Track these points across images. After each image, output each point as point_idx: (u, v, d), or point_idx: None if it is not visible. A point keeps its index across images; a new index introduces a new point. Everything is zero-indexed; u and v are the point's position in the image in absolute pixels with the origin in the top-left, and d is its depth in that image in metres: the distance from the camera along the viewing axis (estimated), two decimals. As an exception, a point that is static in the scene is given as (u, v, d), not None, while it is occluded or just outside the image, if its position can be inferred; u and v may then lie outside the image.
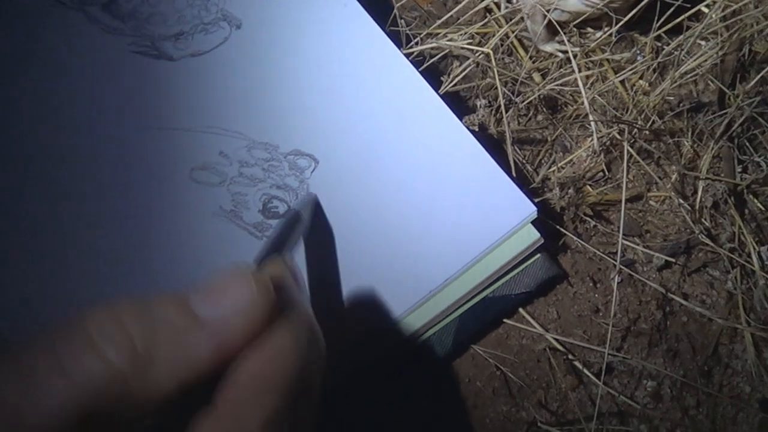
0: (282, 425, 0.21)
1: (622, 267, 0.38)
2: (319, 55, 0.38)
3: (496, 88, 0.40)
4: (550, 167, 0.40)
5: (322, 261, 0.34)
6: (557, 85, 0.40)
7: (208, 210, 0.36)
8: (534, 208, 0.35)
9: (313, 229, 0.34)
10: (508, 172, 0.36)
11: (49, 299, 0.33)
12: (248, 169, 0.36)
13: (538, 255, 0.36)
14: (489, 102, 0.40)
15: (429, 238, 0.35)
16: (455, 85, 0.39)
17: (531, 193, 0.36)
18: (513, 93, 0.41)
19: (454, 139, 0.37)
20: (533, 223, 0.35)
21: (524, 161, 0.40)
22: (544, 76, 0.42)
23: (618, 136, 0.39)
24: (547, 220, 0.38)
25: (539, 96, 0.40)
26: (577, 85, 0.39)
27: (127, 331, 0.20)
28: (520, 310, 0.36)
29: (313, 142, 0.37)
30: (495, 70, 0.38)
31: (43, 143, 0.36)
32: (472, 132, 0.37)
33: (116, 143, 0.36)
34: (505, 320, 0.36)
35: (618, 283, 0.37)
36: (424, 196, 0.36)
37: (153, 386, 0.20)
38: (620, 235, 0.35)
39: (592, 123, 0.37)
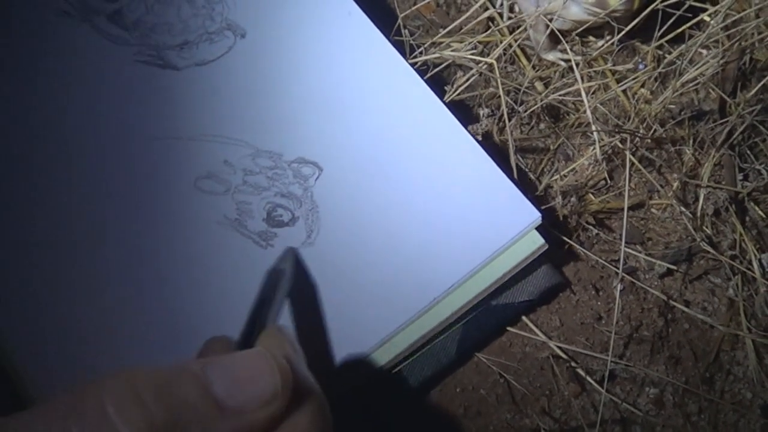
0: None
1: (624, 275, 0.38)
2: (324, 64, 0.38)
3: (499, 97, 0.40)
4: (552, 175, 0.40)
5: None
6: (560, 94, 0.40)
7: (212, 219, 0.36)
8: (539, 214, 0.35)
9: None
10: (512, 180, 0.36)
11: (51, 307, 0.33)
12: (252, 177, 0.37)
13: (543, 263, 0.36)
14: (492, 111, 0.40)
15: (433, 245, 0.35)
16: (459, 94, 0.39)
17: (534, 201, 0.36)
18: (516, 102, 0.41)
19: (458, 146, 0.37)
20: (537, 230, 0.36)
21: (527, 169, 0.40)
22: (546, 85, 0.42)
23: (620, 145, 0.39)
24: (549, 228, 0.38)
25: (542, 105, 0.40)
26: (579, 94, 0.40)
27: (149, 411, 0.19)
28: (523, 318, 0.37)
29: (318, 149, 0.37)
30: (498, 80, 0.38)
31: (48, 153, 0.36)
32: (477, 140, 0.37)
33: (121, 153, 0.37)
34: (508, 328, 0.36)
35: (620, 290, 0.38)
36: (428, 204, 0.36)
37: None
38: (623, 243, 0.35)
39: (594, 132, 0.37)
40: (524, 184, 0.39)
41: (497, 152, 0.39)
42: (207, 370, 0.21)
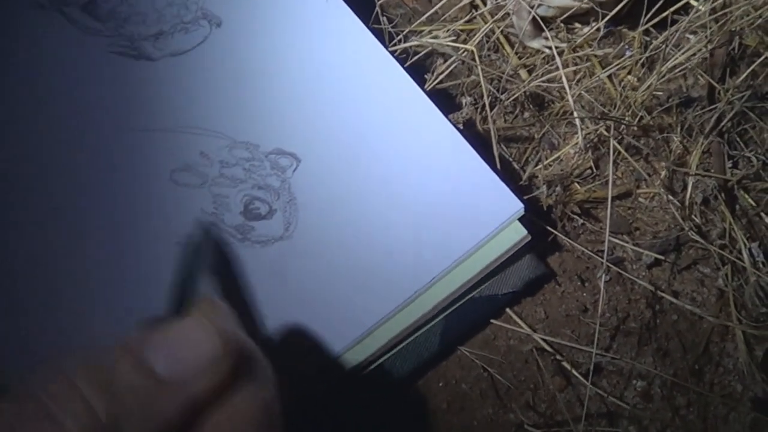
0: None
1: (610, 265, 0.37)
2: (301, 52, 0.38)
3: (482, 85, 0.39)
4: (536, 165, 0.39)
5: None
6: (543, 81, 0.39)
7: (189, 213, 0.35)
8: (521, 205, 0.35)
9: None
10: (495, 170, 0.35)
11: (25, 300, 0.33)
12: (229, 169, 0.36)
13: (527, 254, 0.36)
14: (475, 99, 0.39)
15: (414, 236, 0.34)
16: (440, 82, 0.38)
17: (518, 191, 0.36)
18: (499, 90, 0.40)
19: (439, 136, 0.36)
20: (520, 220, 0.35)
21: (511, 159, 0.39)
22: (530, 73, 0.41)
23: (605, 133, 0.38)
24: (534, 218, 0.37)
25: (525, 93, 0.39)
26: (566, 82, 0.39)
27: (87, 401, 0.19)
28: (507, 310, 0.36)
29: (295, 140, 0.36)
30: (479, 67, 0.37)
31: (20, 146, 0.35)
32: (458, 129, 0.36)
33: (95, 145, 0.36)
34: (492, 321, 0.36)
35: (606, 281, 0.37)
36: (409, 195, 0.35)
37: None
38: (607, 232, 0.35)
39: (577, 120, 0.37)
40: (508, 173, 0.38)
41: (480, 141, 0.38)
42: (144, 348, 0.20)
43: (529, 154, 0.40)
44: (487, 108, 0.37)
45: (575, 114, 0.36)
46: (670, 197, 0.39)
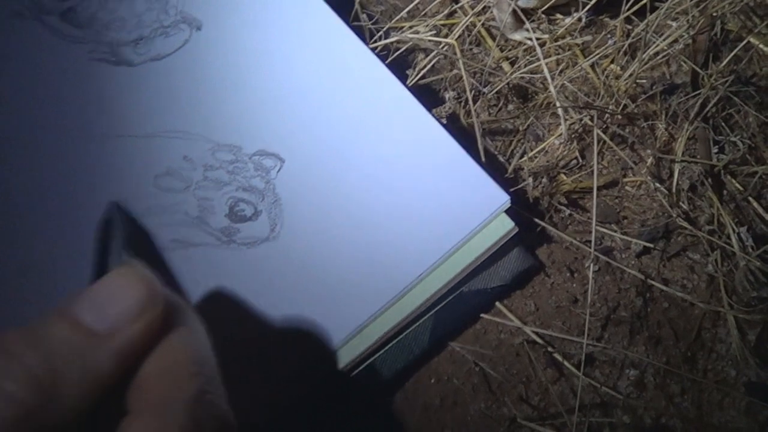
0: (206, 412, 0.21)
1: (599, 255, 0.37)
2: (282, 52, 0.37)
3: (464, 79, 0.39)
4: (522, 157, 0.39)
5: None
6: (525, 73, 0.39)
7: (173, 217, 0.35)
8: (507, 197, 0.35)
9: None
10: (480, 163, 0.35)
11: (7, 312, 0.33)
12: (213, 172, 0.36)
13: (515, 247, 0.36)
14: (458, 93, 0.39)
15: (401, 233, 0.34)
16: (423, 77, 0.38)
17: (504, 183, 0.35)
18: (481, 83, 0.40)
19: (423, 131, 0.36)
20: (507, 213, 0.35)
21: (496, 152, 0.39)
22: (513, 65, 0.41)
23: (589, 122, 0.38)
24: (521, 210, 0.37)
25: (509, 85, 0.39)
26: (548, 73, 0.39)
27: (23, 361, 0.19)
28: (497, 303, 0.36)
29: (279, 141, 0.36)
30: (461, 61, 0.37)
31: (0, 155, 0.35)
32: (442, 124, 0.36)
33: (77, 153, 0.36)
34: (482, 315, 0.35)
35: (595, 271, 0.37)
36: (394, 191, 0.35)
37: (62, 409, 0.19)
38: (594, 222, 0.34)
39: (560, 110, 0.36)
40: (493, 166, 0.38)
41: (464, 135, 0.38)
42: (71, 304, 0.21)
43: (514, 146, 0.40)
44: (470, 101, 0.37)
45: (558, 104, 0.36)
46: (657, 185, 0.39)
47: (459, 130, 0.38)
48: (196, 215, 0.35)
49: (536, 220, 0.37)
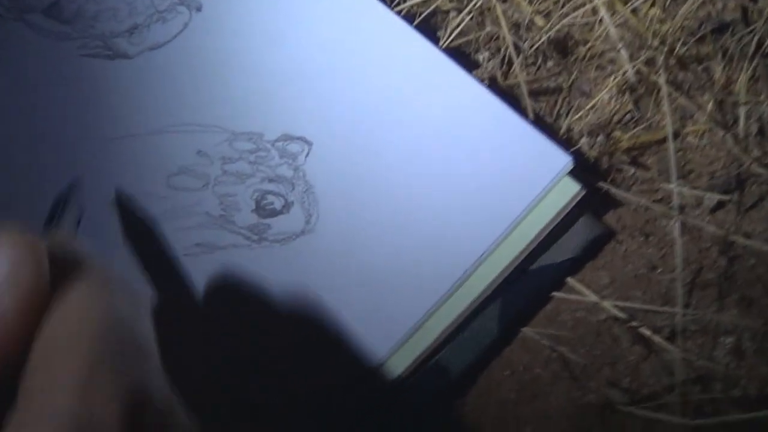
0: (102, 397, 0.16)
1: (676, 213, 0.33)
2: (296, 25, 0.33)
3: (498, 38, 0.35)
4: (571, 116, 0.35)
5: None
6: (565, 24, 0.35)
7: (193, 219, 0.31)
8: (569, 158, 0.31)
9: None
10: (532, 125, 0.32)
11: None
12: (232, 165, 0.32)
13: (581, 214, 0.32)
14: (492, 54, 0.35)
15: (454, 211, 0.30)
16: (454, 39, 0.34)
17: (557, 146, 0.32)
18: (513, 42, 0.36)
19: (467, 96, 0.32)
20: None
21: (542, 114, 0.35)
22: (547, 19, 0.37)
23: (644, 68, 0.35)
24: (580, 174, 0.33)
25: (548, 39, 0.35)
26: (589, 21, 0.35)
27: None
28: (568, 279, 0.32)
29: (303, 123, 0.32)
30: (499, 10, 0.33)
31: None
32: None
33: (79, 160, 0.32)
34: (553, 294, 0.31)
35: (671, 233, 0.33)
36: (442, 165, 0.31)
37: None
38: (674, 173, 0.31)
39: (621, 50, 0.32)
40: (542, 129, 0.34)
41: (506, 99, 0.34)
42: None
43: (560, 106, 0.36)
44: (515, 58, 0.33)
45: (618, 44, 0.32)
46: (723, 131, 0.35)
47: (498, 94, 0.34)
48: (219, 214, 0.31)
49: (599, 183, 0.33)
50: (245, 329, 0.29)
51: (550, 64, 0.36)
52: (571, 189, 0.31)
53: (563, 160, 0.31)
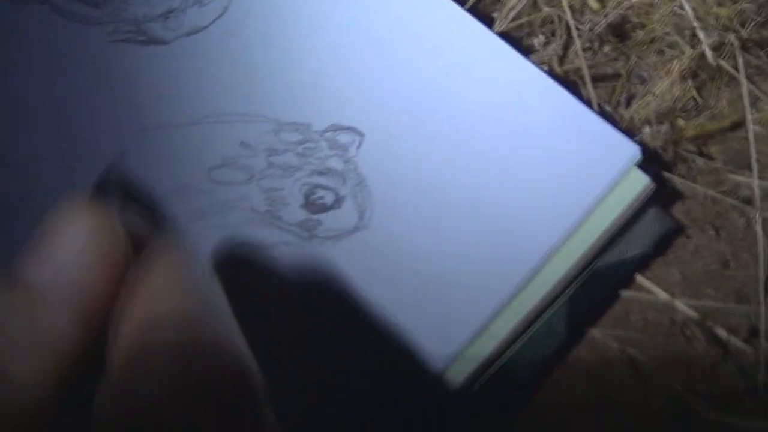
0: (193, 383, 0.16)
1: (744, 205, 0.31)
2: (344, 5, 0.31)
3: (552, 21, 0.33)
4: (632, 104, 0.33)
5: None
6: (623, 6, 0.33)
7: (238, 215, 0.29)
8: (636, 148, 0.29)
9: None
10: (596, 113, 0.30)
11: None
12: (279, 157, 0.30)
13: (649, 207, 0.30)
14: (547, 38, 0.33)
15: (516, 204, 0.28)
16: (509, 22, 0.32)
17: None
18: (567, 26, 0.34)
19: (527, 83, 0.30)
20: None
21: (600, 101, 0.33)
22: (602, 2, 0.35)
23: (708, 53, 0.33)
24: (644, 165, 0.31)
25: (606, 22, 0.34)
26: (647, 3, 0.33)
27: None
28: (637, 276, 0.30)
29: (353, 111, 0.30)
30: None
31: (25, 158, 0.29)
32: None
33: (111, 153, 0.30)
34: (621, 292, 0.30)
35: (743, 226, 0.31)
36: (502, 157, 0.29)
37: (15, 394, 0.15)
38: (754, 171, 0.29)
39: (700, 30, 0.31)
40: (603, 118, 0.32)
41: (562, 86, 0.32)
42: (17, 264, 0.17)
43: (618, 93, 0.34)
44: (577, 41, 0.31)
45: (695, 23, 0.30)
46: (790, 120, 0.33)
47: (556, 81, 0.32)
48: (266, 210, 0.29)
49: (664, 173, 0.31)
50: (292, 332, 0.28)
51: (606, 48, 0.35)
52: (640, 181, 0.29)
53: (631, 150, 0.29)
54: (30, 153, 0.29)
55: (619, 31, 0.35)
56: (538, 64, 0.32)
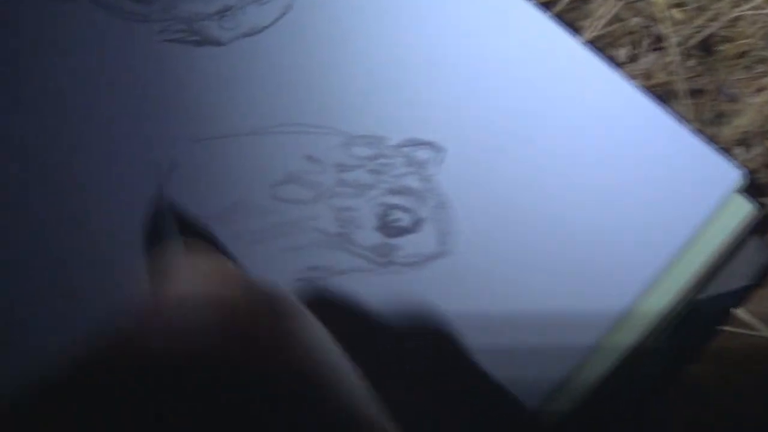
0: None
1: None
2: (422, 9, 0.29)
3: (634, 32, 0.31)
4: (720, 122, 0.31)
5: None
6: (708, 19, 0.31)
7: (305, 237, 0.26)
8: (738, 171, 0.26)
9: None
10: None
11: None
12: (350, 173, 0.27)
13: (750, 236, 0.28)
14: (633, 49, 0.31)
15: (611, 234, 0.26)
16: (595, 32, 0.30)
17: (715, 156, 0.28)
18: (651, 37, 0.32)
19: (619, 100, 0.27)
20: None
21: (686, 119, 0.31)
22: (685, 13, 0.33)
23: (805, 71, 0.31)
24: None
25: (694, 35, 0.31)
26: (732, 16, 0.31)
27: None
28: (737, 311, 0.28)
29: (433, 125, 0.27)
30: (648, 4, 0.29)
31: (70, 171, 0.26)
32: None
33: (161, 163, 0.27)
34: (721, 327, 0.27)
35: None
36: (596, 178, 0.26)
37: None
38: None
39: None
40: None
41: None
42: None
43: (707, 110, 0.32)
44: (675, 55, 0.28)
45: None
46: None
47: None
48: (337, 232, 0.26)
49: (759, 199, 0.29)
50: (370, 369, 0.25)
51: (691, 62, 0.32)
52: (744, 208, 0.27)
53: (733, 174, 0.27)
54: (73, 161, 0.26)
55: (705, 45, 0.33)
56: (629, 77, 0.30)
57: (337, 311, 0.25)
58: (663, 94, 0.31)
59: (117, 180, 0.26)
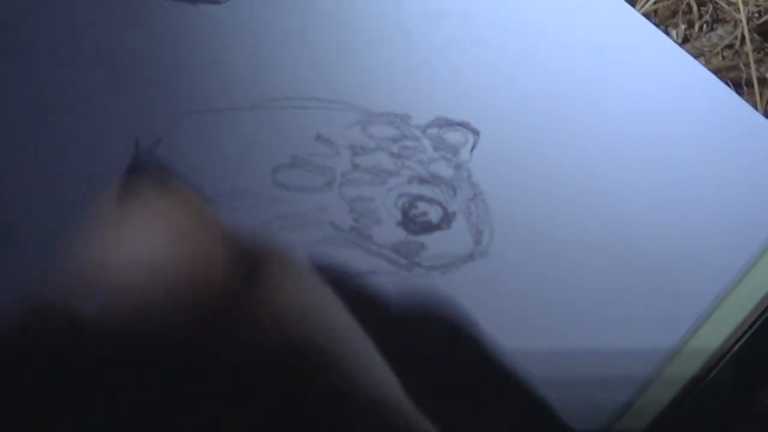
0: None
1: None
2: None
3: (687, 13, 0.28)
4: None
5: None
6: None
7: (313, 232, 0.22)
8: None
9: None
10: (767, 122, 0.24)
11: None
12: (367, 157, 0.23)
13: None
14: (688, 28, 0.27)
15: (676, 235, 0.22)
16: (650, 4, 0.26)
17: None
18: (707, 19, 0.28)
19: (684, 78, 0.24)
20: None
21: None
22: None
23: None
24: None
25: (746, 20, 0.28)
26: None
27: None
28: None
29: (465, 103, 0.23)
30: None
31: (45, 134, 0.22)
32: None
33: (148, 137, 0.22)
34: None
35: None
36: (657, 170, 0.23)
37: None
38: None
39: None
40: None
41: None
42: None
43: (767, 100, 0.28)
44: (747, 40, 0.25)
45: None
46: None
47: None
48: (350, 226, 0.22)
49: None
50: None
51: (748, 48, 0.29)
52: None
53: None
54: (48, 124, 0.22)
55: (765, 30, 0.29)
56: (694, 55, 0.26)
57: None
58: (752, 78, 0.27)
59: (91, 155, 0.22)
